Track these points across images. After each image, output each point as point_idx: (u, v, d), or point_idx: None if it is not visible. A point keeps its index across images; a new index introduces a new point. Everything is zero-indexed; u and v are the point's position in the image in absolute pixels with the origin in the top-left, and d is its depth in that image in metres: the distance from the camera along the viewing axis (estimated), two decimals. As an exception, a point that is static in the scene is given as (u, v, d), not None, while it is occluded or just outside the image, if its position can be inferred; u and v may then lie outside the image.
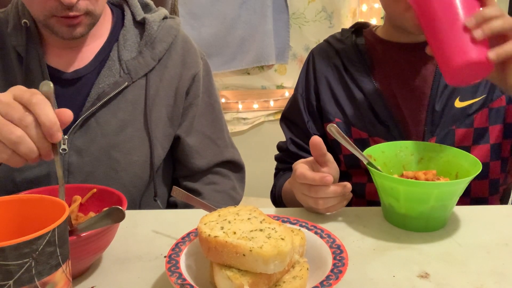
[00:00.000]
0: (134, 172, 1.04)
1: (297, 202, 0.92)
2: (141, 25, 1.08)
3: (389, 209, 0.85)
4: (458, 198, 0.82)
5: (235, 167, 1.19)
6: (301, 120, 1.14)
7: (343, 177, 1.09)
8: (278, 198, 1.14)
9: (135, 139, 1.04)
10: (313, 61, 1.17)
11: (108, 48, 1.05)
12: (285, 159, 1.17)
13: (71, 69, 1.03)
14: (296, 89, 1.19)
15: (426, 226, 0.82)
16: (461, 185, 0.79)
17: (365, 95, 1.07)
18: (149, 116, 1.05)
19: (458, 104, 1.02)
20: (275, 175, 1.23)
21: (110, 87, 1.01)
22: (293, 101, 1.18)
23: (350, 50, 1.12)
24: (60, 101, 1.00)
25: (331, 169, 0.86)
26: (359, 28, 1.18)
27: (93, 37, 1.05)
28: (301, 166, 0.86)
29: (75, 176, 1.00)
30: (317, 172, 0.84)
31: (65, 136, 0.99)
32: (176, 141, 1.12)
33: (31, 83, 0.99)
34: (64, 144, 0.99)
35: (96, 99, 1.00)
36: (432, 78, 1.05)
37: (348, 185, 0.85)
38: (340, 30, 1.20)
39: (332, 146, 1.10)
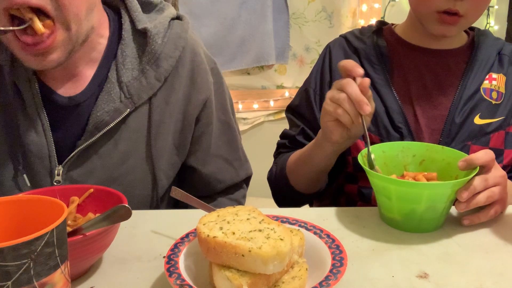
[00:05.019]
0: (136, 207, 0.92)
1: (308, 162, 0.96)
2: (142, 34, 0.94)
3: (383, 209, 0.85)
4: (453, 201, 0.82)
5: (247, 178, 1.16)
6: (311, 115, 1.11)
7: (350, 180, 1.09)
8: (279, 171, 1.10)
9: (137, 171, 0.96)
10: (329, 56, 1.13)
11: (105, 68, 0.94)
12: (289, 146, 1.14)
13: (66, 94, 0.92)
14: (307, 83, 1.15)
15: (419, 227, 0.82)
16: (453, 187, 0.78)
17: (381, 99, 1.04)
18: (154, 145, 0.95)
19: (478, 121, 1.02)
20: (276, 157, 1.19)
21: (110, 115, 0.91)
22: (304, 96, 1.14)
23: (370, 51, 1.09)
24: (56, 129, 0.92)
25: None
26: (380, 28, 1.15)
27: (88, 57, 0.93)
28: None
29: None
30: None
31: (59, 166, 0.92)
32: (190, 171, 1.05)
33: (21, 105, 0.91)
34: (58, 175, 0.92)
35: (94, 129, 0.91)
36: (455, 90, 1.04)
37: (370, 109, 0.84)
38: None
39: None
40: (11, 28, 0.77)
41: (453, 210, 0.89)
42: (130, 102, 0.92)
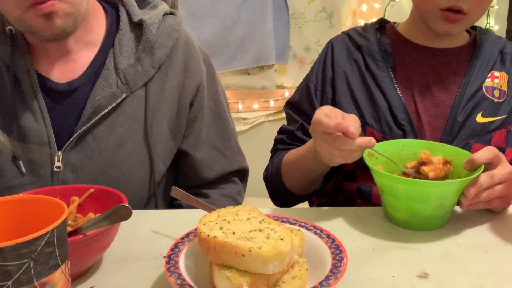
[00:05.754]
0: (133, 191, 0.99)
1: (303, 169, 0.94)
2: (138, 26, 1.00)
3: (389, 208, 0.85)
4: (457, 198, 0.82)
5: (242, 173, 1.16)
6: (311, 110, 1.07)
7: (348, 178, 1.09)
8: (275, 172, 1.09)
9: (134, 156, 0.98)
10: (332, 52, 1.12)
11: (103, 55, 0.98)
12: (288, 142, 1.13)
13: (64, 80, 0.96)
14: (308, 78, 1.14)
15: (425, 225, 0.82)
16: (461, 185, 0.79)
17: (384, 96, 1.04)
18: (150, 130, 0.98)
19: (480, 119, 1.02)
20: (273, 153, 1.17)
21: (107, 100, 0.94)
22: (305, 91, 1.12)
23: (374, 48, 1.08)
24: (53, 115, 0.95)
25: (350, 120, 0.81)
26: (382, 26, 1.15)
27: (86, 43, 0.98)
28: (319, 112, 0.82)
29: None
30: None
31: (59, 152, 0.94)
32: (183, 155, 1.07)
33: (20, 95, 0.94)
34: (58, 161, 0.94)
35: (92, 113, 0.94)
36: (457, 88, 1.04)
37: (372, 140, 0.80)
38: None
39: None
40: None
41: (454, 209, 0.89)
42: (126, 87, 0.96)
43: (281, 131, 1.18)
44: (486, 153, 0.80)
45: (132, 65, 0.97)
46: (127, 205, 0.65)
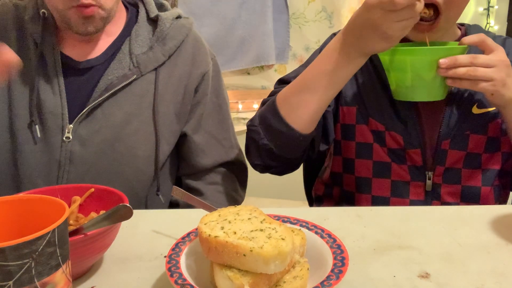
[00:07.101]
0: (138, 167, 1.06)
1: (320, 84, 0.91)
2: (154, 22, 1.12)
3: (389, 82, 0.97)
4: (435, 71, 0.88)
5: (239, 168, 1.19)
6: None
7: (347, 170, 1.10)
8: (269, 106, 0.99)
9: (140, 133, 1.06)
10: None
11: (120, 42, 1.09)
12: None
13: (83, 59, 1.06)
14: (308, 61, 1.11)
15: (412, 95, 0.93)
16: (433, 54, 0.87)
17: (386, 89, 1.05)
18: (156, 111, 1.07)
19: (476, 110, 1.03)
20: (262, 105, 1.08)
21: (118, 80, 1.04)
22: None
23: None
24: (69, 90, 1.04)
25: None
26: None
27: (107, 33, 1.09)
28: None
29: (76, 166, 1.01)
30: None
31: (70, 125, 1.02)
32: (183, 138, 1.14)
33: (44, 69, 1.04)
34: (68, 132, 1.02)
35: (103, 90, 1.03)
36: None
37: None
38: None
39: (345, 131, 1.09)
40: None
41: (455, 209, 0.89)
42: (137, 70, 1.06)
43: (270, 95, 1.10)
44: (473, 36, 0.88)
45: (144, 52, 1.08)
46: (128, 204, 0.65)
